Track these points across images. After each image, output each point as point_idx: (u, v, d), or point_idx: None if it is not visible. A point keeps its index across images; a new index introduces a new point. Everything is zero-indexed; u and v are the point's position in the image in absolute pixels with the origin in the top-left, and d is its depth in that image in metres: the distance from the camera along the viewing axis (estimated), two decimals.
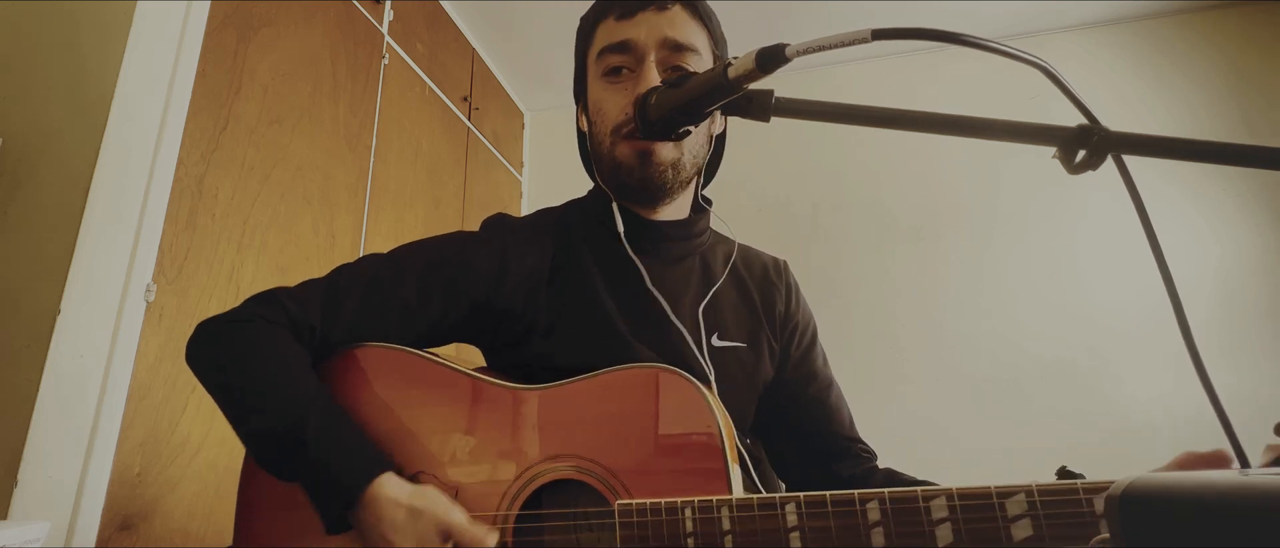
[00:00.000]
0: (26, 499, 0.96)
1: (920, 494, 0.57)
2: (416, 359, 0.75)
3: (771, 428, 0.89)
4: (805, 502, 0.59)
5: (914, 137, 2.35)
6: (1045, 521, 0.54)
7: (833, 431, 0.88)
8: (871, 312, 2.38)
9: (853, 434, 0.89)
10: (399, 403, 0.73)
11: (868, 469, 0.85)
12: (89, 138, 1.11)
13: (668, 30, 0.79)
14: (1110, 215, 2.27)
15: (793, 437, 0.88)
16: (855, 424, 0.90)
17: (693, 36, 0.81)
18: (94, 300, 1.08)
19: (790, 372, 0.88)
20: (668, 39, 0.79)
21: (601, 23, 0.84)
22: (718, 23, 0.87)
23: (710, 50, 0.84)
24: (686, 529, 0.60)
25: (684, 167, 0.81)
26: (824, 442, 0.87)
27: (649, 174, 0.79)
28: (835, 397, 0.90)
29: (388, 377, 0.75)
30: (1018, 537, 0.54)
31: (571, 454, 0.67)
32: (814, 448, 0.87)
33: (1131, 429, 2.07)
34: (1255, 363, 2.05)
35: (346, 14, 1.77)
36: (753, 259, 0.93)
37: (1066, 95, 0.46)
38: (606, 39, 0.82)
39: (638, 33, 0.79)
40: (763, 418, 0.88)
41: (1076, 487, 0.54)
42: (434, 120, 2.18)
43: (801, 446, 0.88)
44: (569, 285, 0.82)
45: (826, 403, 0.88)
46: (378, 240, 1.79)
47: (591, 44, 0.85)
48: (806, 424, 0.88)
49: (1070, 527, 0.54)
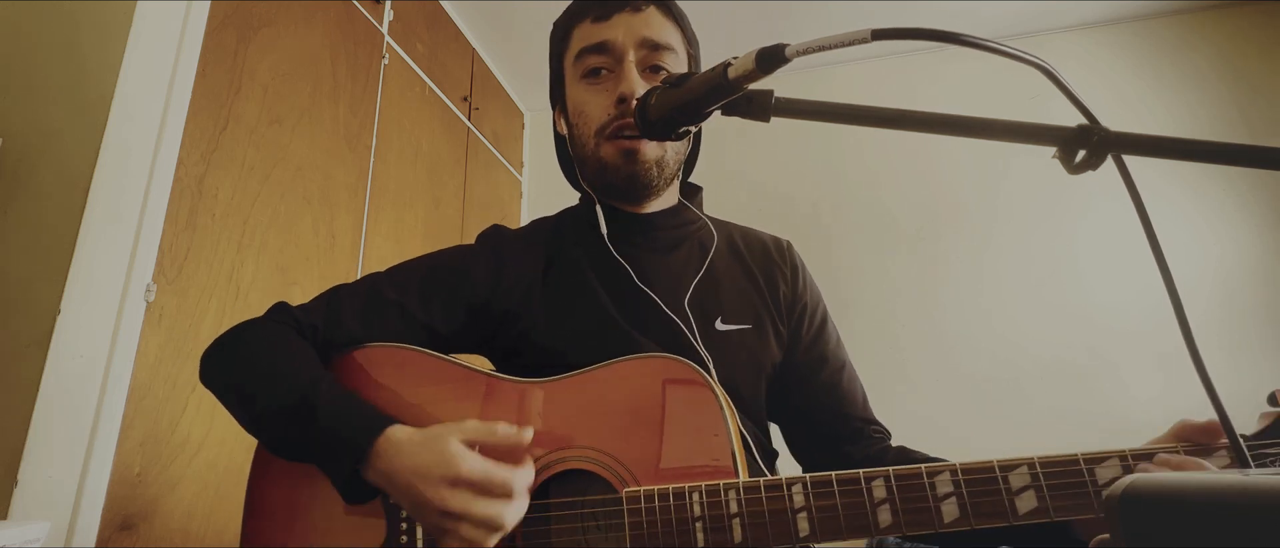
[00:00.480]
0: (26, 499, 0.96)
1: (925, 470, 0.58)
2: (422, 356, 0.76)
3: (784, 412, 0.89)
4: (812, 482, 0.60)
5: (914, 136, 2.35)
6: (1048, 492, 0.56)
7: (846, 413, 0.87)
8: (871, 312, 2.38)
9: (866, 415, 0.88)
10: (405, 399, 0.74)
11: (881, 450, 0.85)
12: (89, 138, 1.12)
13: (644, 30, 0.81)
14: (1110, 215, 2.27)
15: (805, 420, 0.88)
16: (868, 403, 0.89)
17: (668, 36, 0.82)
18: (94, 300, 1.08)
19: (802, 355, 0.87)
20: (646, 39, 0.80)
21: (577, 26, 0.85)
22: (689, 22, 0.88)
23: (685, 49, 0.86)
24: (694, 514, 0.61)
25: (667, 163, 0.82)
26: (837, 425, 0.87)
27: (635, 172, 0.80)
28: (848, 379, 0.89)
29: (393, 374, 0.75)
30: (1022, 509, 0.56)
31: (578, 445, 0.67)
32: (827, 432, 0.87)
33: (1131, 429, 2.06)
34: (1255, 363, 2.05)
35: (346, 14, 1.77)
36: (753, 239, 0.93)
37: (1066, 95, 0.46)
38: (583, 41, 0.83)
39: (615, 34, 0.81)
40: (775, 401, 0.88)
41: (1077, 458, 0.56)
42: (434, 120, 2.18)
43: (814, 430, 0.88)
44: (564, 282, 0.83)
45: (839, 387, 0.87)
46: (378, 240, 1.79)
47: (567, 47, 0.86)
48: (819, 409, 0.87)
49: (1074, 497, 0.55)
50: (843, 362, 0.90)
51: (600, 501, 0.66)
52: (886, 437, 0.87)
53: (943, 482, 0.57)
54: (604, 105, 0.81)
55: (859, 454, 0.84)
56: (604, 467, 0.66)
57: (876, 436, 0.86)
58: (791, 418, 0.89)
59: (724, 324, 0.81)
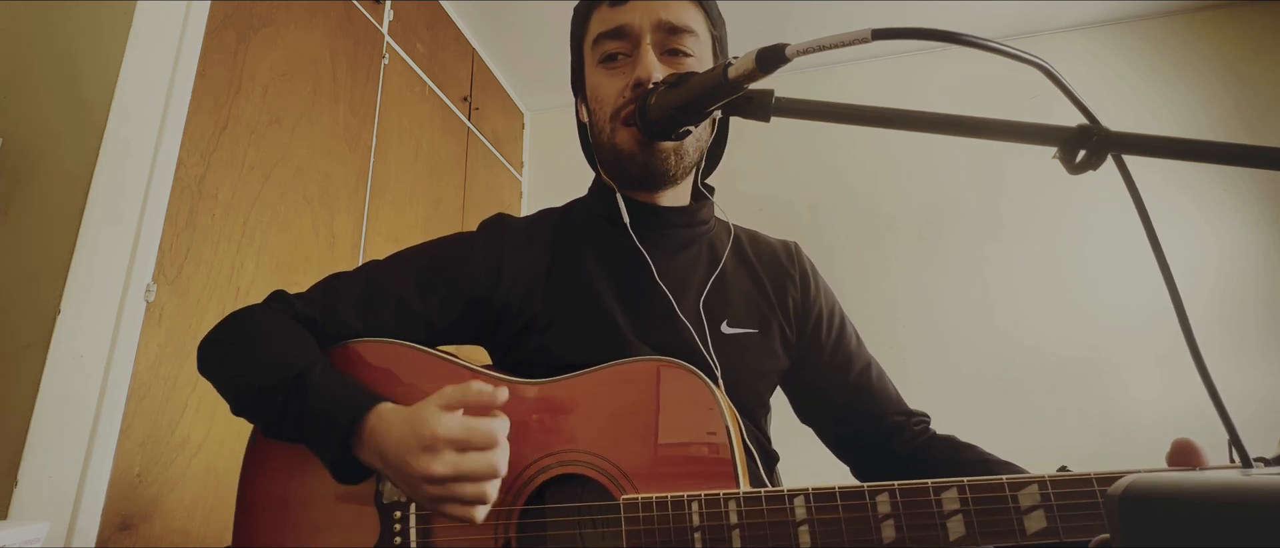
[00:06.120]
0: (26, 499, 0.96)
1: (932, 486, 0.57)
2: (415, 353, 0.75)
3: (819, 418, 0.88)
4: (814, 495, 0.59)
5: (914, 137, 2.35)
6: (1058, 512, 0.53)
7: (882, 412, 0.86)
8: (871, 312, 2.37)
9: (903, 409, 0.87)
10: (399, 397, 0.72)
11: (926, 441, 0.83)
12: (89, 138, 1.11)
13: (662, 13, 0.79)
14: (1110, 216, 2.27)
15: (843, 425, 0.87)
16: (901, 396, 0.88)
17: (688, 18, 0.80)
18: (94, 300, 1.07)
19: (827, 360, 0.86)
20: (663, 22, 0.79)
21: (595, 10, 0.83)
22: (716, 4, 0.86)
23: (707, 31, 0.83)
24: (693, 524, 0.60)
25: (686, 152, 0.80)
26: (876, 425, 0.86)
27: (651, 159, 0.78)
28: (877, 376, 0.88)
29: (386, 371, 0.75)
30: (1031, 529, 0.54)
31: (575, 449, 0.67)
32: (868, 433, 0.86)
33: (1132, 429, 2.07)
34: (1255, 362, 2.05)
35: (346, 14, 1.77)
36: (761, 244, 0.92)
37: (1066, 95, 0.46)
38: (601, 26, 0.81)
39: (632, 17, 0.79)
40: (808, 409, 0.88)
41: (1089, 478, 0.54)
42: (434, 120, 2.18)
43: (855, 433, 0.87)
44: (566, 281, 0.81)
45: (871, 386, 0.87)
46: (378, 240, 1.79)
47: (586, 32, 0.85)
48: (855, 412, 0.86)
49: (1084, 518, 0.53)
50: (868, 360, 0.89)
51: (598, 507, 0.66)
52: (927, 423, 0.86)
53: (949, 498, 0.56)
54: (619, 90, 0.79)
55: (903, 450, 0.83)
56: (600, 472, 0.65)
57: (918, 427, 0.85)
58: (828, 423, 0.89)
59: (730, 328, 0.80)
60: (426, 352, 0.75)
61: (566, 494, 0.68)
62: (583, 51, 0.86)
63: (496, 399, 0.62)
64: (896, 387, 0.90)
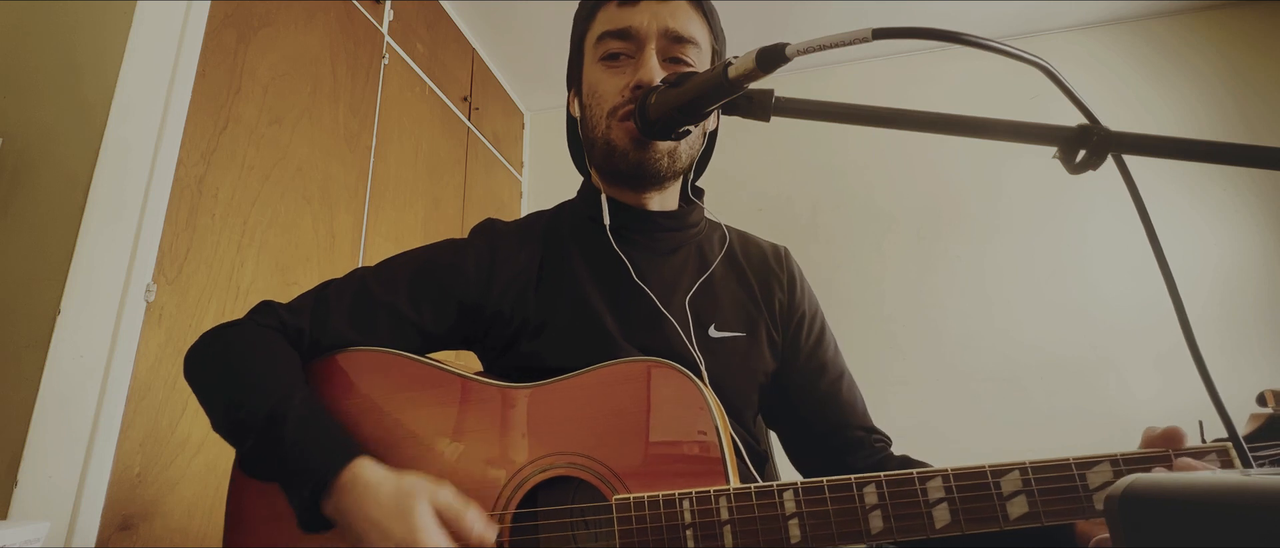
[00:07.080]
0: (26, 499, 0.96)
1: (917, 475, 0.58)
2: (404, 361, 0.75)
3: (784, 420, 0.88)
4: (803, 488, 0.60)
5: (914, 136, 2.35)
6: (1040, 496, 0.56)
7: (846, 422, 0.86)
8: (870, 312, 2.38)
9: (867, 424, 0.87)
10: (388, 405, 0.73)
11: (882, 459, 0.84)
12: (89, 138, 1.11)
13: (670, 21, 0.79)
14: (1110, 216, 2.27)
15: (806, 430, 0.87)
16: (867, 412, 0.89)
17: (694, 30, 0.80)
18: (94, 300, 1.08)
19: (802, 364, 0.86)
20: (669, 30, 0.78)
21: (603, 7, 0.82)
22: (719, 20, 0.86)
23: (710, 45, 0.83)
24: (685, 521, 0.60)
25: (679, 156, 0.80)
26: (838, 436, 0.86)
27: (644, 157, 0.78)
28: (847, 388, 0.88)
29: (375, 379, 0.74)
30: (1014, 514, 0.56)
31: (566, 451, 0.67)
32: (829, 443, 0.86)
33: (1132, 429, 2.06)
34: (1255, 362, 2.05)
35: (346, 14, 1.77)
36: (751, 246, 0.92)
37: (1066, 95, 0.46)
38: (607, 24, 0.81)
39: (640, 20, 0.79)
40: (775, 410, 0.87)
41: (1068, 462, 0.56)
42: (434, 120, 2.18)
43: (816, 440, 0.87)
44: (556, 285, 0.81)
45: (839, 396, 0.87)
46: (378, 240, 1.79)
47: (590, 28, 0.84)
48: (820, 419, 0.86)
49: (1065, 502, 0.55)
50: (841, 370, 0.89)
51: (589, 508, 0.66)
52: (887, 445, 0.87)
53: (934, 487, 0.57)
54: (619, 88, 0.79)
55: (861, 464, 0.83)
56: (592, 473, 0.65)
57: (877, 444, 0.86)
58: (792, 427, 0.89)
59: (718, 331, 0.81)
60: (418, 360, 0.75)
61: (558, 497, 0.68)
62: (583, 47, 0.86)
63: (487, 543, 0.61)
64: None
